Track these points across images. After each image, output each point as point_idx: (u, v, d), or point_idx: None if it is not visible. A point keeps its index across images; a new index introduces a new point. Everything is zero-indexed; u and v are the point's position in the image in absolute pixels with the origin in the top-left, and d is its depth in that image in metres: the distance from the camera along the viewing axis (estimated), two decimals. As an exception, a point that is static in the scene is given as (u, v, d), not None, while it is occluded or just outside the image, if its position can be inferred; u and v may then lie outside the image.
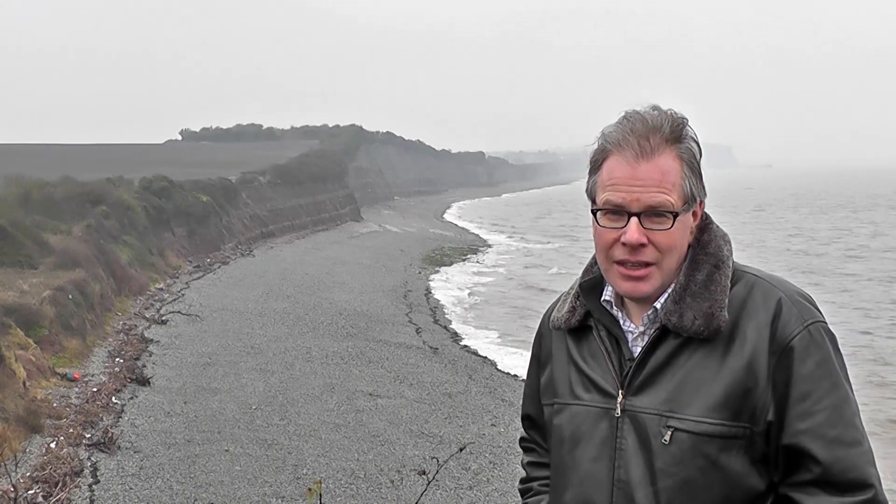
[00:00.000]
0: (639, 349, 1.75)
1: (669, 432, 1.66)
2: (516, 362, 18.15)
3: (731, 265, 1.74)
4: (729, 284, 1.71)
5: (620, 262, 1.70)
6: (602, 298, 1.81)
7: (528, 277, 33.27)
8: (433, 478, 3.99)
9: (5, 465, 9.32)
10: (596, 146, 1.74)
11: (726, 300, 1.68)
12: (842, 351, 1.69)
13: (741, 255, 1.80)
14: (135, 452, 11.52)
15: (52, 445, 11.20)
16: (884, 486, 1.64)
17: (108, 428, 12.14)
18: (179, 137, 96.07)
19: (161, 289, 24.73)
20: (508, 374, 17.29)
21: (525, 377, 2.09)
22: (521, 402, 2.12)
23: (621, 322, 1.78)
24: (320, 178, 52.02)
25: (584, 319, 1.84)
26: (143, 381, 14.73)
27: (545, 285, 29.71)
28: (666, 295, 1.72)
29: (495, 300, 27.90)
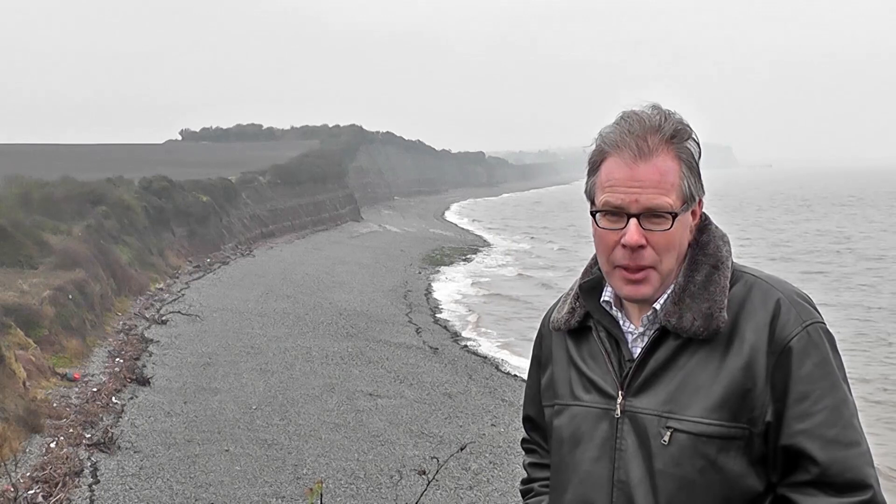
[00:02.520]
0: (638, 350, 1.75)
1: (669, 433, 1.67)
2: (518, 363, 18.15)
3: (730, 266, 1.74)
4: (728, 285, 1.71)
5: (622, 267, 1.70)
6: (601, 299, 1.82)
7: (526, 278, 33.28)
8: (433, 478, 3.98)
9: (5, 464, 9.34)
10: (594, 147, 1.74)
11: (725, 301, 1.68)
12: (840, 352, 1.70)
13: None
14: (135, 452, 11.52)
15: (52, 445, 11.20)
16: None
17: (108, 428, 12.13)
18: (179, 137, 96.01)
19: (161, 289, 24.72)
20: (509, 374, 17.29)
21: (526, 378, 2.09)
22: (521, 403, 2.12)
23: (621, 323, 1.79)
24: (320, 178, 52.00)
25: (584, 320, 1.84)
26: (143, 381, 14.73)
27: (527, 292, 29.73)
28: (665, 296, 1.73)
29: (495, 300, 27.89)
